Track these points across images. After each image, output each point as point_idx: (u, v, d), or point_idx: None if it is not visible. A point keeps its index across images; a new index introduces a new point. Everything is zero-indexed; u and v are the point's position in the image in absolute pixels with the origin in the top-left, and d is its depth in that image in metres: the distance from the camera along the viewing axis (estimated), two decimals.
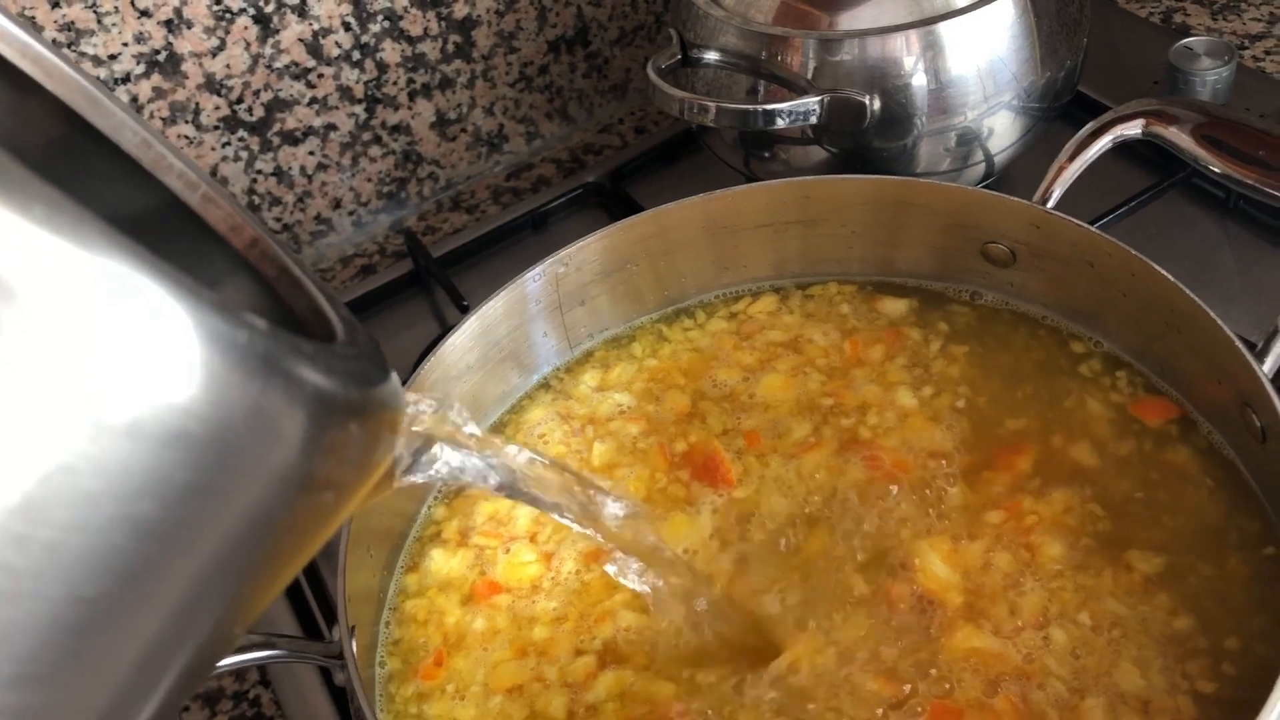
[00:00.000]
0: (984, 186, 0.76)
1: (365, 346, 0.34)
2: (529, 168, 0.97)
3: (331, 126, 0.87)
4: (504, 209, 0.92)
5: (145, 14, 0.76)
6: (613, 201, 0.89)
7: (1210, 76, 0.80)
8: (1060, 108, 0.75)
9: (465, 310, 0.70)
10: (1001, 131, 0.71)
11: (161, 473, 0.23)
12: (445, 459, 0.36)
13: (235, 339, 0.23)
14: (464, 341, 0.53)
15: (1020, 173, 0.77)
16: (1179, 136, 0.50)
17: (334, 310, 0.36)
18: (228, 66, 0.81)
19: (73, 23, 0.74)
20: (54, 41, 0.74)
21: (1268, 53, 0.88)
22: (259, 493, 0.25)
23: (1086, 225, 0.50)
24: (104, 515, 0.22)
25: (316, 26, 0.83)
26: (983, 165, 0.72)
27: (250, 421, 0.24)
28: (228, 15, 0.79)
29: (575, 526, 0.40)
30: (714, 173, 0.80)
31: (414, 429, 0.36)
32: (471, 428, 0.36)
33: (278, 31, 0.81)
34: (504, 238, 0.88)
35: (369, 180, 0.91)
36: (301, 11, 0.81)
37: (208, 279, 0.40)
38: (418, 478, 0.34)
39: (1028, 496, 0.48)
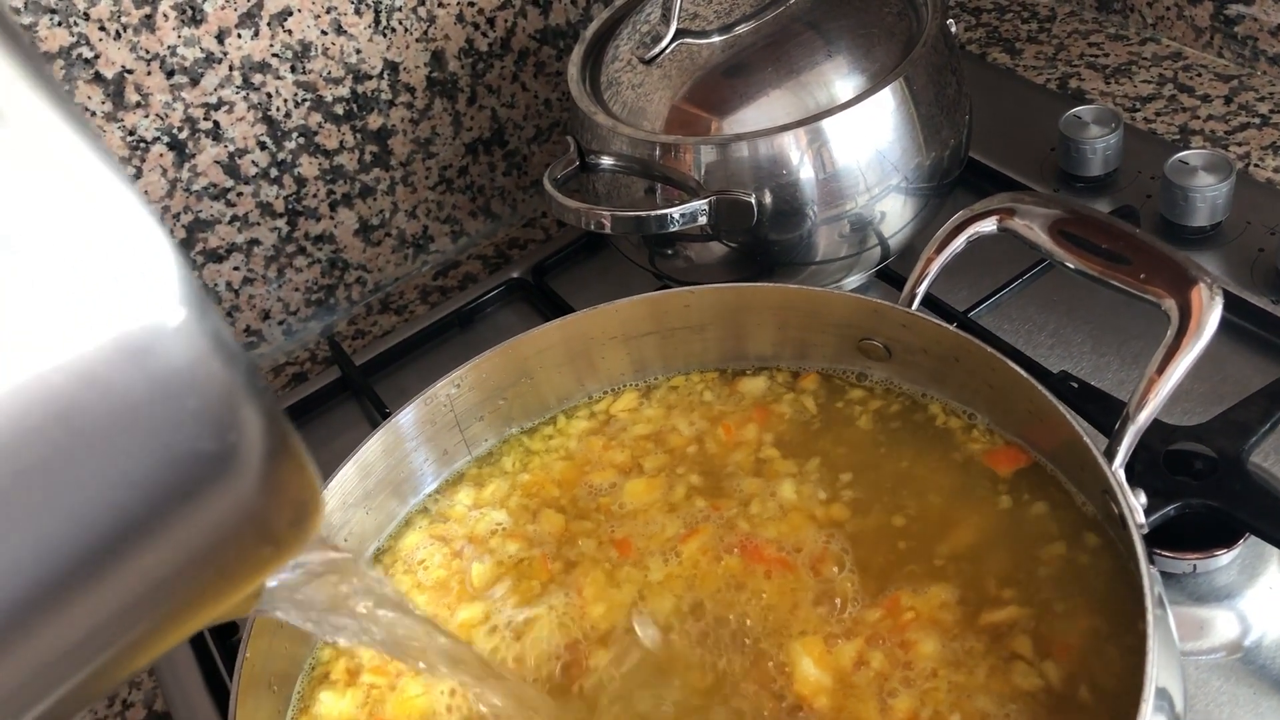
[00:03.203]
0: (882, 268, 0.78)
1: None
2: (456, 265, 0.99)
3: (255, 241, 0.89)
4: (432, 308, 0.93)
5: None
6: (536, 296, 0.90)
7: (1100, 144, 0.83)
8: (951, 183, 0.77)
9: (386, 417, 0.71)
10: (894, 214, 0.73)
11: (139, 436, 0.22)
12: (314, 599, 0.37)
13: (218, 322, 0.23)
14: (352, 474, 0.54)
15: (923, 246, 0.79)
16: (1031, 231, 0.52)
17: None
18: (146, 192, 0.83)
19: None
20: None
21: (1158, 114, 0.91)
22: (218, 511, 0.25)
23: (946, 325, 0.52)
24: (71, 465, 0.21)
25: (232, 148, 0.85)
26: (879, 249, 0.75)
27: (220, 408, 0.24)
28: (142, 144, 0.81)
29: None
30: (630, 266, 0.82)
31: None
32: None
33: (193, 156, 0.83)
34: (432, 338, 0.90)
35: (296, 290, 0.93)
36: (216, 135, 0.83)
37: None
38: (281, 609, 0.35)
39: (905, 591, 0.50)
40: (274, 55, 0.83)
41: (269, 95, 0.84)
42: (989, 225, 0.54)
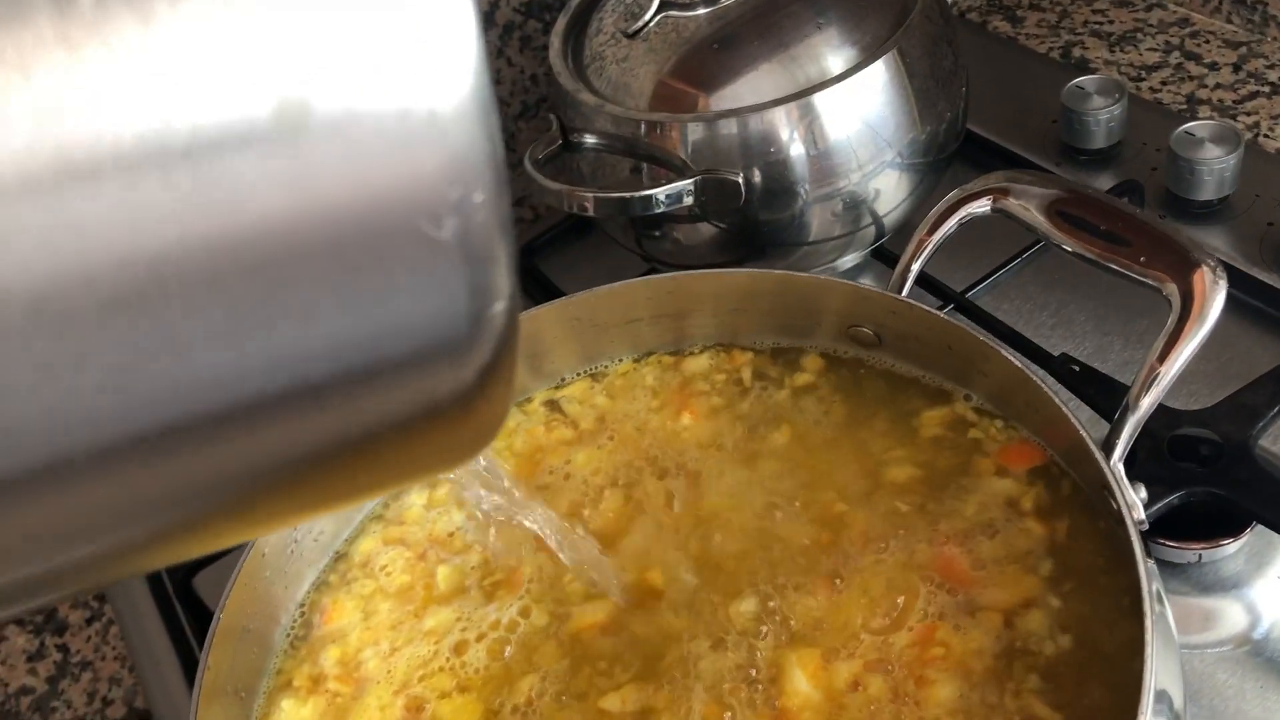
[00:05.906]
0: (877, 248, 0.76)
1: None
2: None
3: None
4: None
5: None
6: (525, 279, 0.88)
7: (1103, 115, 0.80)
8: (948, 158, 0.74)
9: None
10: (888, 191, 0.71)
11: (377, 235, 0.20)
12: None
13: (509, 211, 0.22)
14: None
15: (919, 224, 0.77)
16: (1027, 212, 0.50)
17: None
18: None
19: None
20: None
21: (1164, 83, 0.88)
22: (436, 391, 0.23)
23: (936, 312, 0.50)
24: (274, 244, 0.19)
25: None
26: (873, 228, 0.72)
27: (486, 294, 0.22)
28: None
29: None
30: (620, 249, 0.79)
31: None
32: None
33: None
34: None
35: None
36: None
37: None
38: None
39: (944, 625, 0.45)
40: None
41: None
42: (982, 206, 0.51)
